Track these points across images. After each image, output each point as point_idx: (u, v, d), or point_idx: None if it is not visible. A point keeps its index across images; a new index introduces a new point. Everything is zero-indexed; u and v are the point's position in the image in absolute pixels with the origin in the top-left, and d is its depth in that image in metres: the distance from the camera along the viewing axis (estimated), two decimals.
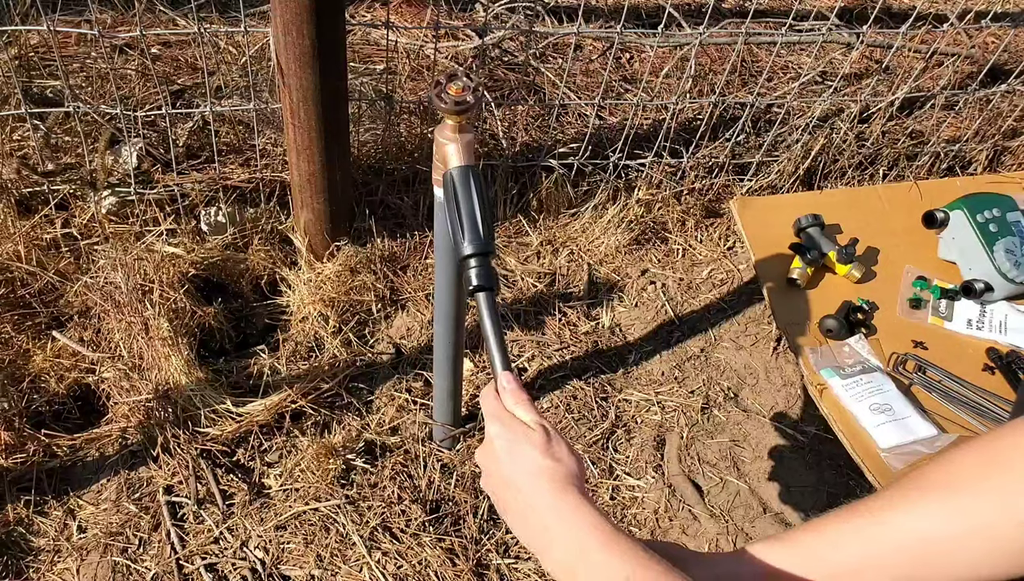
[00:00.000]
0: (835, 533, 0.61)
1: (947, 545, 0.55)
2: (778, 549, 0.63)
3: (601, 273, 1.92)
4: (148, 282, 1.58)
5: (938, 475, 0.58)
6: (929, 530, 0.56)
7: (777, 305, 1.42)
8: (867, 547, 0.58)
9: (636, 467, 1.57)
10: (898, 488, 0.59)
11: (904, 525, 0.57)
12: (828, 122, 2.15)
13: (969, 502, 0.55)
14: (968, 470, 0.57)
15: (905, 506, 0.58)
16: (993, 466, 0.55)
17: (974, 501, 0.55)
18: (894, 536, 0.57)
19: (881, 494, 0.61)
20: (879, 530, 0.58)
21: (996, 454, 0.56)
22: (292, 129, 1.54)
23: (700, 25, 1.74)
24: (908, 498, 0.58)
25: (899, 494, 0.59)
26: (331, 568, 1.35)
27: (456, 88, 0.87)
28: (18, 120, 1.78)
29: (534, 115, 2.17)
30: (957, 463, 0.58)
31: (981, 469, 0.56)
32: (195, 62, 2.07)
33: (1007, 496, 0.53)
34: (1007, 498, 0.53)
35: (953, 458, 0.58)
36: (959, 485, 0.56)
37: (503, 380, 0.73)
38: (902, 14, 2.79)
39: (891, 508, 0.59)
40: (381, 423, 1.55)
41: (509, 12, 2.42)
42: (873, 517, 0.59)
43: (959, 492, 0.56)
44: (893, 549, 0.57)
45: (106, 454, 1.46)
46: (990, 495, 0.54)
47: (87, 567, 1.32)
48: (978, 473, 0.56)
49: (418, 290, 1.77)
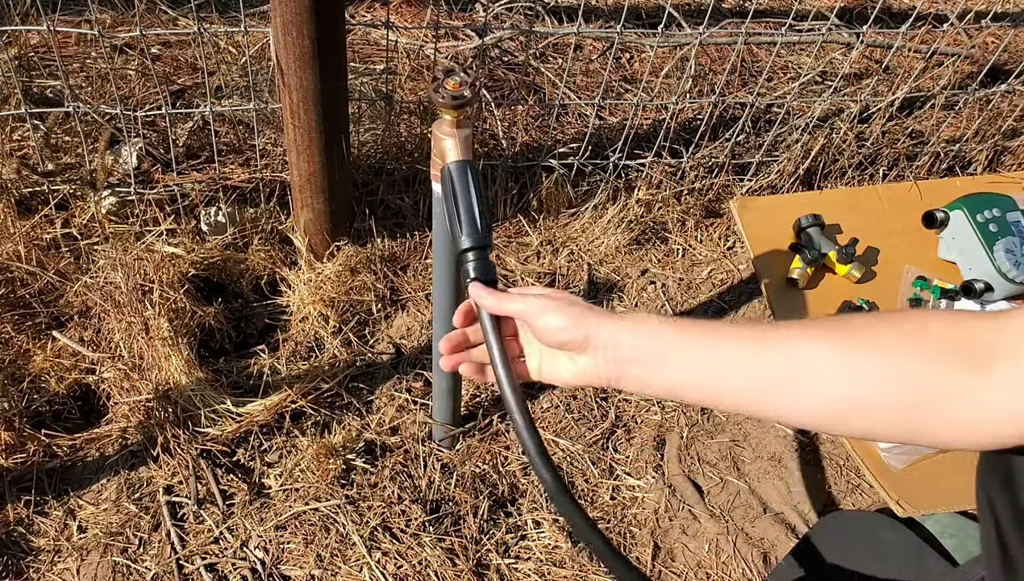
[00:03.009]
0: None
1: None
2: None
3: (601, 273, 1.92)
4: (148, 282, 1.58)
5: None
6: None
7: (777, 305, 1.42)
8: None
9: (636, 467, 1.57)
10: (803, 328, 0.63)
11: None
12: (828, 122, 2.15)
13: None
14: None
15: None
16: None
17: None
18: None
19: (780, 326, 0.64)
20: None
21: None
22: (292, 129, 1.54)
23: (700, 25, 1.74)
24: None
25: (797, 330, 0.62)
26: (331, 568, 1.35)
27: (453, 83, 0.88)
28: (18, 120, 1.78)
29: (534, 115, 2.17)
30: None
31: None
32: (195, 62, 2.07)
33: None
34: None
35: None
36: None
37: (474, 295, 0.74)
38: (902, 14, 2.79)
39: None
40: (381, 423, 1.55)
41: (509, 12, 2.42)
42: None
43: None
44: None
45: (106, 454, 1.46)
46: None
47: (87, 567, 1.32)
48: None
49: (418, 290, 1.77)
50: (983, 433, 0.53)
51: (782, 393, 0.61)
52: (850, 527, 0.95)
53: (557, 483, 0.66)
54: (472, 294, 0.75)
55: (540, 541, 1.43)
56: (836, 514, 1.00)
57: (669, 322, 0.66)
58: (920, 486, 1.11)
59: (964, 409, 0.53)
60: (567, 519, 0.67)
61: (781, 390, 0.60)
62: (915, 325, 0.57)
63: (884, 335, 0.57)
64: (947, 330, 0.55)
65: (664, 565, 1.44)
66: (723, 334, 0.64)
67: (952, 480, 1.12)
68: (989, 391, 0.52)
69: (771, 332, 0.62)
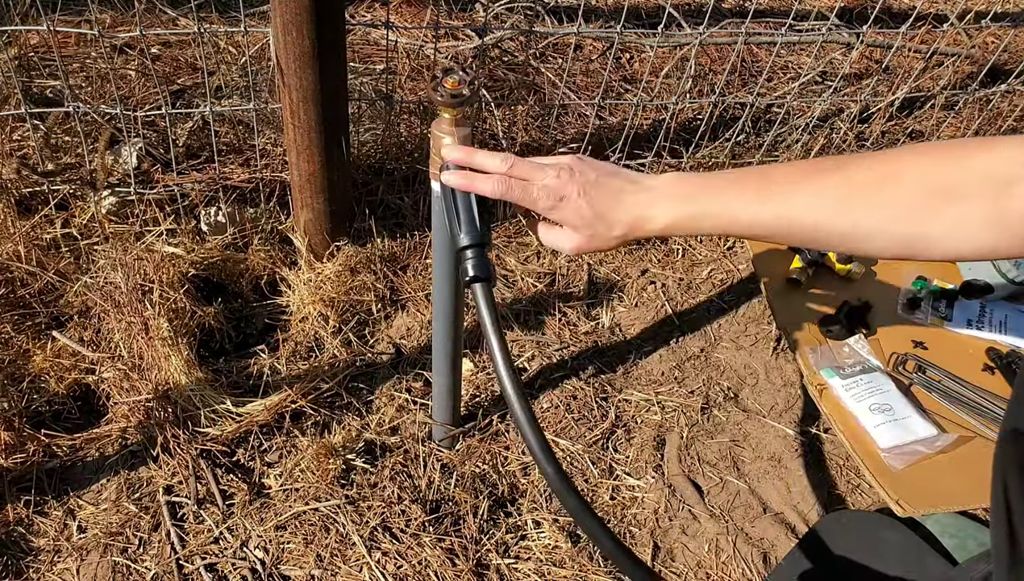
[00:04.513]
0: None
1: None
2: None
3: (601, 273, 1.92)
4: (148, 282, 1.58)
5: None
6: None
7: (777, 305, 1.42)
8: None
9: (636, 467, 1.57)
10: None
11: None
12: (828, 122, 2.15)
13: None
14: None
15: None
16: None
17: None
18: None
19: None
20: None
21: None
22: (292, 129, 1.54)
23: (700, 25, 1.74)
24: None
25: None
26: (331, 568, 1.35)
27: (452, 81, 0.88)
28: (18, 120, 1.78)
29: (534, 115, 2.17)
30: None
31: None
32: (195, 62, 2.07)
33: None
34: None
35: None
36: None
37: (445, 180, 0.80)
38: (902, 14, 2.79)
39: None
40: (381, 423, 1.55)
41: (509, 12, 2.42)
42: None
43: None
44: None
45: (106, 454, 1.46)
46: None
47: (87, 567, 1.32)
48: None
49: (418, 290, 1.77)
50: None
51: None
52: (850, 527, 0.95)
53: (559, 474, 0.67)
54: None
55: (540, 541, 1.43)
56: (836, 514, 0.99)
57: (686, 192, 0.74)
58: (920, 486, 1.10)
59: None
60: (571, 514, 0.68)
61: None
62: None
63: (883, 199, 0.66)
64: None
65: (664, 565, 1.44)
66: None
67: (952, 480, 1.12)
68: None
69: (775, 188, 0.70)
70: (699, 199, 0.72)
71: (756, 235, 0.72)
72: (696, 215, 0.72)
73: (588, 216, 0.75)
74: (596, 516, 0.67)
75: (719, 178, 0.73)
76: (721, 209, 0.71)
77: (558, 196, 0.75)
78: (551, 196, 0.75)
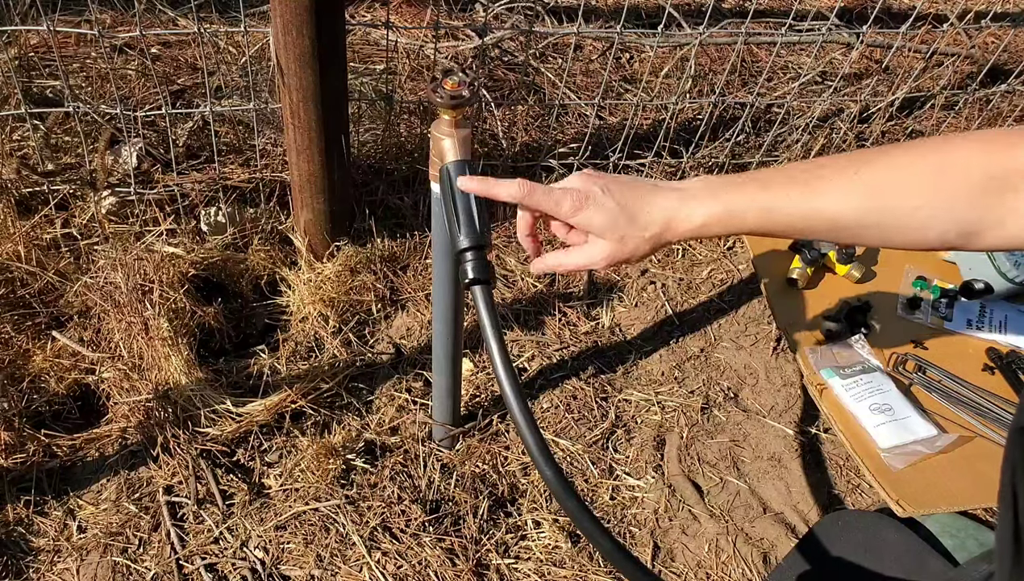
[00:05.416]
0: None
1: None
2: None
3: (601, 273, 1.92)
4: (148, 282, 1.58)
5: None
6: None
7: (777, 305, 1.42)
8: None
9: (636, 467, 1.57)
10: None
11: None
12: (828, 122, 2.15)
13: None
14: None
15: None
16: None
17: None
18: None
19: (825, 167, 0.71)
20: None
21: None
22: (292, 129, 1.54)
23: (700, 25, 1.74)
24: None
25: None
26: (331, 568, 1.35)
27: (451, 83, 0.88)
28: (18, 120, 1.78)
29: (534, 115, 2.17)
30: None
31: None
32: (195, 62, 2.07)
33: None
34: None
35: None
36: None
37: (463, 186, 0.80)
38: (902, 14, 2.79)
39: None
40: (381, 423, 1.55)
41: (509, 12, 2.42)
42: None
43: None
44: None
45: (106, 454, 1.46)
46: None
47: (87, 567, 1.32)
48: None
49: (418, 290, 1.77)
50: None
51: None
52: (850, 527, 0.95)
53: (557, 477, 0.67)
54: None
55: (540, 541, 1.43)
56: (836, 514, 0.99)
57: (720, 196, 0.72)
58: (920, 486, 1.10)
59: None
60: (569, 515, 0.68)
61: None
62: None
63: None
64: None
65: (664, 565, 1.44)
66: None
67: (952, 480, 1.12)
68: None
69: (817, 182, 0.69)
70: (740, 194, 0.71)
71: (795, 230, 0.71)
72: (734, 211, 0.71)
73: (616, 214, 0.72)
74: (595, 518, 0.67)
75: (749, 176, 0.73)
76: (768, 201, 0.70)
77: (583, 196, 0.73)
78: (575, 197, 0.73)
